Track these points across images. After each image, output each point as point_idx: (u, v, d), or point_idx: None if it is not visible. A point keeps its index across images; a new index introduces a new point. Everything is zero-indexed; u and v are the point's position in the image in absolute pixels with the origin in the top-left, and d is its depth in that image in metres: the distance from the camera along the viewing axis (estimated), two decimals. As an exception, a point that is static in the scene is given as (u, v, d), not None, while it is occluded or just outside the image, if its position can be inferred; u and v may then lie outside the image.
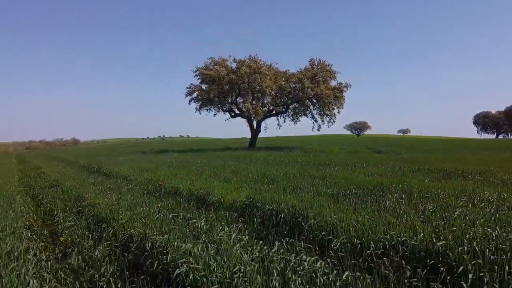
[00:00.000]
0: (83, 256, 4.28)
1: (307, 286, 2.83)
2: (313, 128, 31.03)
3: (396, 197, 5.87)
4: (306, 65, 30.50)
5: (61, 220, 6.16)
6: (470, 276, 2.95)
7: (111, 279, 3.50)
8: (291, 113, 31.05)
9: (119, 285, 3.40)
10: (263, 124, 32.53)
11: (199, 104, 30.38)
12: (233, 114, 31.77)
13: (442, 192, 6.17)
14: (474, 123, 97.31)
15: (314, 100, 29.19)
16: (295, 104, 30.16)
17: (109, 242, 4.57)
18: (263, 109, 30.27)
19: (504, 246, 3.24)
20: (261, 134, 33.77)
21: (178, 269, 3.12)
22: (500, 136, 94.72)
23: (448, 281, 3.00)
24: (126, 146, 75.09)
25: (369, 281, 2.90)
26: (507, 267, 2.95)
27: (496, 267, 2.97)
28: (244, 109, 29.15)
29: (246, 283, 2.79)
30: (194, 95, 30.47)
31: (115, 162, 17.96)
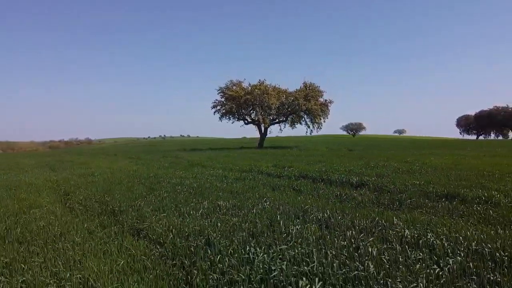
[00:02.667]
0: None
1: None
2: (306, 132, 43.18)
3: (320, 164, 17.83)
4: (301, 86, 42.58)
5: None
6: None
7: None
8: (290, 121, 43.14)
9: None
10: (268, 129, 44.64)
11: (221, 114, 42.37)
12: (246, 122, 43.80)
13: (338, 161, 18.12)
14: (457, 125, 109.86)
15: (307, 112, 41.19)
16: (292, 115, 42.21)
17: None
18: (269, 117, 42.33)
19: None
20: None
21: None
22: (481, 137, 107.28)
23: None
24: (146, 145, 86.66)
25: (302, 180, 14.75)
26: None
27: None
28: (255, 119, 41.25)
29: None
30: (218, 107, 42.45)
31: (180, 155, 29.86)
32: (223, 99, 42.29)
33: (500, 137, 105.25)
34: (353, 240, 4.78)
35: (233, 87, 41.82)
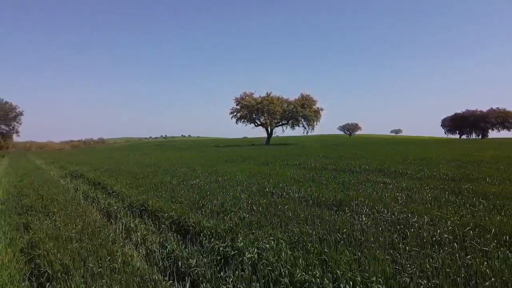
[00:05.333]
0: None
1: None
2: (303, 132, 56.97)
3: (308, 152, 31.39)
4: (299, 96, 56.30)
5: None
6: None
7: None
8: (290, 124, 56.89)
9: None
10: (273, 130, 58.41)
11: (237, 118, 56.07)
12: (256, 124, 57.48)
13: (321, 151, 31.70)
14: (442, 125, 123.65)
15: (303, 117, 54.87)
16: (292, 119, 55.95)
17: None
18: (274, 121, 56.01)
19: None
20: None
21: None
22: (464, 136, 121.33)
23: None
24: (162, 145, 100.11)
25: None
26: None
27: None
28: (263, 122, 54.97)
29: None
30: (235, 113, 56.16)
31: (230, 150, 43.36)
32: (238, 107, 56.01)
33: (481, 136, 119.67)
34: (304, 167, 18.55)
35: (246, 98, 55.51)
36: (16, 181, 15.26)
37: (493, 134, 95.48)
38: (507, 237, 4.63)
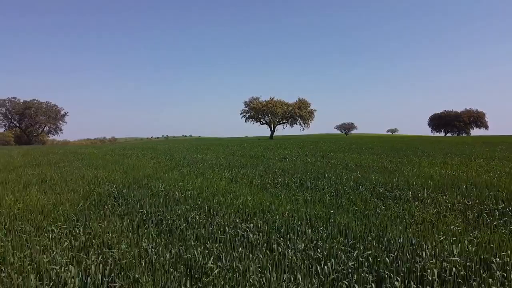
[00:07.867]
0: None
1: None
2: (300, 130, 70.69)
3: (302, 144, 45.04)
4: (296, 100, 69.98)
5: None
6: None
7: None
8: (289, 123, 70.60)
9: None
10: (275, 128, 72.14)
11: (246, 118, 69.65)
12: (261, 123, 71.09)
13: (313, 144, 45.26)
14: (428, 124, 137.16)
15: (300, 117, 68.50)
16: (291, 118, 69.67)
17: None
18: (276, 120, 69.67)
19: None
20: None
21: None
22: (449, 134, 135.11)
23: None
24: (176, 143, 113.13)
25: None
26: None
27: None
28: (268, 121, 68.67)
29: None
30: (244, 114, 69.76)
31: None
32: (247, 108, 69.79)
33: (464, 134, 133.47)
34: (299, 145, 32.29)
35: (254, 101, 69.29)
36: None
37: (479, 132, 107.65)
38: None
